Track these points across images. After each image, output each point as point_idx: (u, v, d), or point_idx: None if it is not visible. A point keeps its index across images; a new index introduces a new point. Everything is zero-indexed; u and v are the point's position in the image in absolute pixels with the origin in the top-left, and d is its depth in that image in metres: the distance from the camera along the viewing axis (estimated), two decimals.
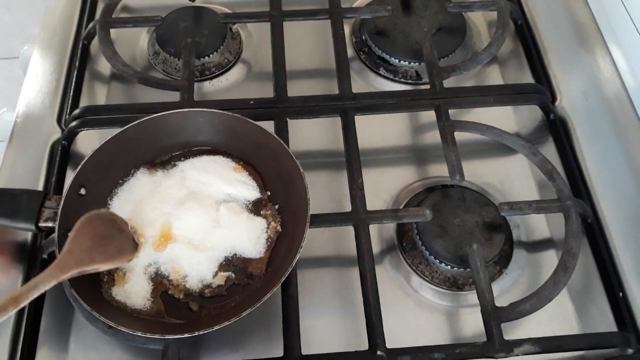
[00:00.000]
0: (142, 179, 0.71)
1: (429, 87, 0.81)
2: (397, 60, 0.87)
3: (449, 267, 0.68)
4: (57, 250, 0.61)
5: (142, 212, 0.68)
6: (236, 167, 0.73)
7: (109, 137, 0.70)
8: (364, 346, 0.62)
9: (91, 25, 0.88)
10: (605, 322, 0.66)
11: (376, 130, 0.81)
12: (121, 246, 0.64)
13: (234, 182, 0.71)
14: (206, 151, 0.74)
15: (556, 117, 0.81)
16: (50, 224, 0.64)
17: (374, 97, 0.81)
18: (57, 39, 0.90)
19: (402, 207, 0.74)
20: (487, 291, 0.64)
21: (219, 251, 0.66)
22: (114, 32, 0.87)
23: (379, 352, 0.61)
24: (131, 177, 0.72)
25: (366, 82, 0.88)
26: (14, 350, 0.64)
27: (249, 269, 0.66)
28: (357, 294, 0.66)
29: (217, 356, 0.65)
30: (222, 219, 0.68)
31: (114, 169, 0.71)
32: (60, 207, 0.64)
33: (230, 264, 0.66)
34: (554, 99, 0.83)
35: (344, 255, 0.71)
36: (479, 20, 0.95)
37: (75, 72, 0.85)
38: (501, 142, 0.76)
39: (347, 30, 0.90)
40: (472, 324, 0.66)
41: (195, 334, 0.57)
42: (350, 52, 0.89)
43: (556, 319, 0.67)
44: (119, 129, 0.71)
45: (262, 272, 0.66)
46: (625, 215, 0.72)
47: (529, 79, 0.87)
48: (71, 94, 0.83)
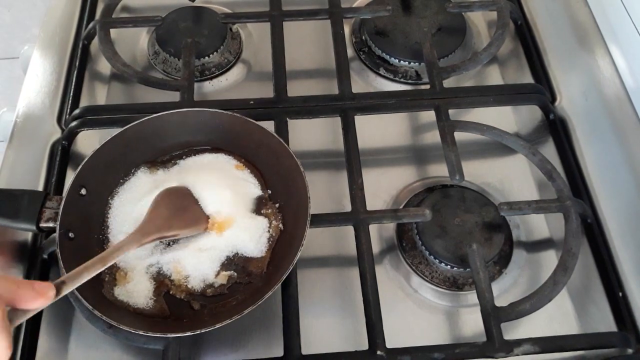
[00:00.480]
0: (142, 178, 0.71)
1: (428, 87, 0.81)
2: (397, 60, 0.87)
3: (449, 267, 0.68)
4: (58, 250, 0.61)
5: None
6: (238, 165, 0.73)
7: (110, 137, 0.70)
8: (364, 346, 0.62)
9: (91, 25, 0.88)
10: (605, 322, 0.66)
11: (376, 130, 0.81)
12: (196, 216, 0.67)
13: (236, 179, 0.71)
14: (207, 149, 0.74)
15: (556, 117, 0.81)
16: (51, 224, 0.64)
17: (374, 97, 0.81)
18: (57, 39, 0.90)
19: (402, 207, 0.74)
20: (487, 291, 0.64)
21: (221, 250, 0.66)
22: (114, 32, 0.87)
23: (379, 352, 0.61)
24: (132, 176, 0.72)
25: (366, 82, 0.88)
26: (14, 349, 0.63)
27: (250, 268, 0.66)
28: (357, 294, 0.66)
29: (217, 356, 0.65)
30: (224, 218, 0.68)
31: (114, 169, 0.71)
32: (61, 208, 0.64)
33: (232, 263, 0.66)
34: (554, 99, 0.83)
35: (343, 255, 0.71)
36: (479, 20, 0.95)
37: (75, 72, 0.85)
38: (501, 142, 0.76)
39: (347, 30, 0.90)
40: (472, 324, 0.66)
41: (197, 332, 0.58)
42: (350, 52, 0.89)
43: (556, 319, 0.67)
44: (119, 129, 0.71)
45: (263, 271, 0.66)
46: (625, 215, 0.72)
47: (528, 79, 0.87)
48: (71, 94, 0.83)
